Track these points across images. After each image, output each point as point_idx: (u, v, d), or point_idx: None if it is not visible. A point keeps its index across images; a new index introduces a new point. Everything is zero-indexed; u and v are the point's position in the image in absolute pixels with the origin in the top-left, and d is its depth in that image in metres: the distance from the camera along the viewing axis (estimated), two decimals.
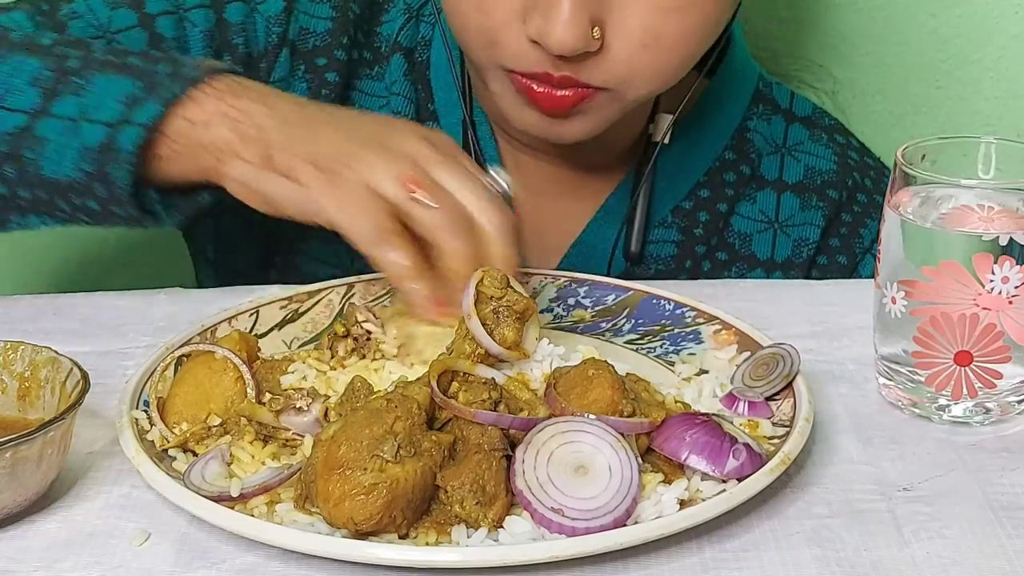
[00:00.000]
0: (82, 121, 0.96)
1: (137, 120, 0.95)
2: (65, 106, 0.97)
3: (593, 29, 1.02)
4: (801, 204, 1.24)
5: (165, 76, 0.97)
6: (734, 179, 1.24)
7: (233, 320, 0.99)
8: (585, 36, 1.01)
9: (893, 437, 0.92)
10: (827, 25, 1.58)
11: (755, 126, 1.26)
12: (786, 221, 1.24)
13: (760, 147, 1.25)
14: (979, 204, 0.90)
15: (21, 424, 0.85)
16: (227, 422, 0.87)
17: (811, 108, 1.29)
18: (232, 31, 1.16)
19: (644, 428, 0.83)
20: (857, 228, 1.26)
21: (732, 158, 1.24)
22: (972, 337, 0.90)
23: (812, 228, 1.24)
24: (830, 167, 1.26)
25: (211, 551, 0.79)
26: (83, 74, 0.98)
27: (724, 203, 1.24)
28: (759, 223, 1.24)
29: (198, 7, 1.16)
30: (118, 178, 0.96)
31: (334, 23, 1.20)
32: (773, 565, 0.79)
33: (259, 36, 1.18)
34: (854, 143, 1.30)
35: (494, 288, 0.90)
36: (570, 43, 1.01)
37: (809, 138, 1.27)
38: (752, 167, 1.25)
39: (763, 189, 1.25)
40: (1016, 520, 0.83)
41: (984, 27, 1.56)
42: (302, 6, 1.19)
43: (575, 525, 0.77)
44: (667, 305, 1.03)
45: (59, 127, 0.97)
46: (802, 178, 1.25)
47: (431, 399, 0.83)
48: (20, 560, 0.79)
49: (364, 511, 0.77)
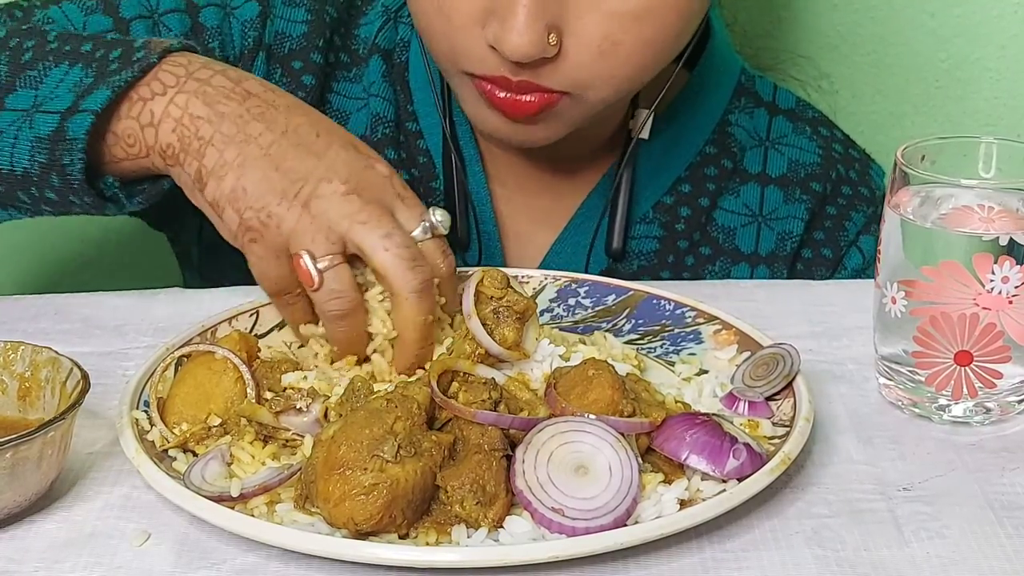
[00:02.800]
0: (35, 112, 0.96)
1: (86, 107, 0.95)
2: (20, 99, 0.97)
3: (549, 35, 1.01)
4: (785, 197, 1.24)
5: (116, 61, 0.97)
6: (716, 173, 1.24)
7: (233, 320, 0.99)
8: (541, 43, 1.01)
9: (893, 437, 0.92)
10: (827, 25, 1.58)
11: (737, 119, 1.26)
12: (770, 214, 1.24)
13: (742, 141, 1.25)
14: (979, 204, 0.90)
15: (21, 424, 0.85)
16: (227, 422, 0.87)
17: (794, 101, 1.29)
18: (208, 35, 1.16)
19: (644, 428, 0.83)
20: (842, 221, 1.25)
21: (713, 152, 1.24)
22: (972, 337, 0.90)
23: (796, 221, 1.24)
24: (814, 160, 1.26)
25: (211, 551, 0.79)
26: (37, 66, 0.98)
27: (706, 198, 1.23)
28: (743, 216, 1.24)
29: (172, 11, 1.15)
30: (71, 166, 0.95)
31: (309, 26, 1.20)
32: (773, 565, 0.79)
33: (235, 40, 1.18)
34: (838, 135, 1.30)
35: (494, 288, 0.90)
36: (525, 49, 1.01)
37: (793, 131, 1.27)
38: (734, 161, 1.25)
39: (746, 183, 1.24)
40: (1016, 520, 0.83)
41: (984, 27, 1.56)
42: (277, 10, 1.19)
43: (575, 525, 0.77)
44: (667, 305, 1.03)
45: (13, 119, 0.97)
46: (786, 171, 1.25)
47: (431, 399, 0.83)
48: (20, 560, 0.79)
49: (364, 511, 0.77)
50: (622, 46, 1.04)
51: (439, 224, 0.93)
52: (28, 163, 0.97)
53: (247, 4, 1.18)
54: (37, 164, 0.96)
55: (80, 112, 0.95)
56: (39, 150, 0.96)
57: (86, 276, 1.63)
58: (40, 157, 0.96)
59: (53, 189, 0.97)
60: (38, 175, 0.97)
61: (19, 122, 0.97)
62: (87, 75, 0.97)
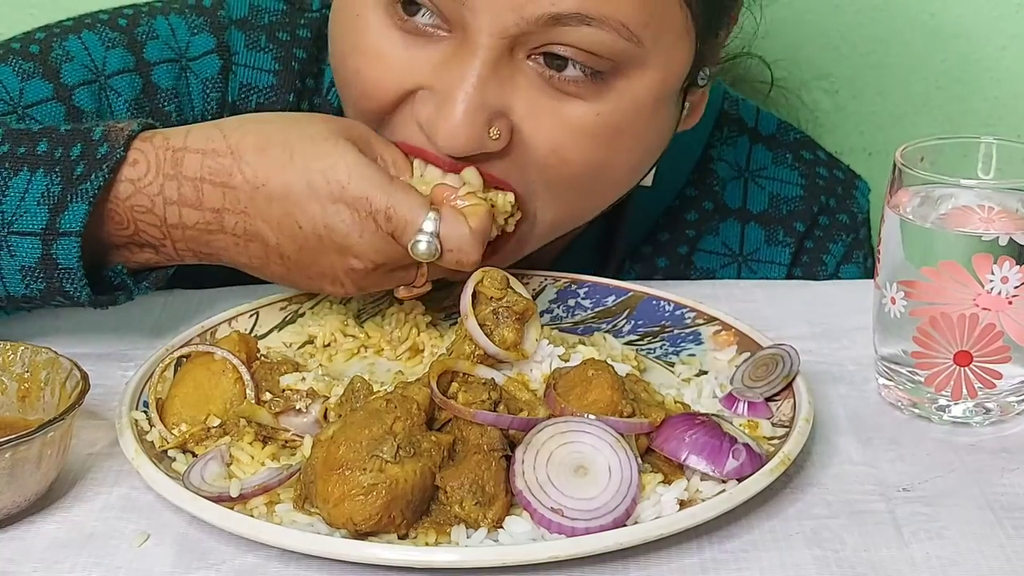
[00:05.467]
0: (10, 235, 0.91)
1: (66, 227, 0.90)
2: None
3: (491, 129, 0.93)
4: (767, 237, 1.20)
5: (80, 162, 0.91)
6: (696, 218, 1.19)
7: (233, 321, 0.99)
8: (479, 138, 0.92)
9: (893, 437, 0.92)
10: (827, 25, 1.58)
11: (718, 154, 1.20)
12: (751, 255, 1.20)
13: (723, 175, 1.20)
14: (979, 204, 0.90)
15: (21, 425, 0.85)
16: (226, 423, 0.87)
17: (776, 124, 1.24)
18: (162, 97, 1.08)
19: (644, 428, 0.83)
20: (819, 255, 1.21)
21: (694, 195, 1.19)
22: (972, 337, 0.90)
23: (778, 267, 1.20)
24: (796, 193, 1.21)
25: (211, 552, 0.79)
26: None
27: (684, 245, 1.19)
28: (722, 256, 1.20)
29: (121, 72, 1.07)
30: (75, 291, 0.92)
31: (278, 77, 1.11)
32: (773, 565, 0.79)
33: (193, 101, 1.10)
34: (821, 156, 1.25)
35: (494, 289, 0.90)
36: (461, 143, 0.92)
37: (773, 161, 1.21)
38: (715, 200, 1.20)
39: (726, 219, 1.20)
40: (1016, 520, 0.83)
41: (984, 27, 1.56)
42: (240, 58, 1.11)
43: (575, 525, 0.77)
44: (667, 306, 1.03)
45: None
46: (767, 207, 1.20)
47: (431, 399, 0.83)
48: (20, 561, 0.79)
49: (364, 511, 0.77)
50: (570, 164, 0.95)
51: None
52: (26, 290, 0.93)
53: (207, 58, 1.10)
54: (36, 291, 0.93)
55: (63, 236, 0.90)
56: (32, 278, 0.92)
57: None
58: (36, 285, 0.92)
59: (60, 303, 0.95)
60: (41, 297, 0.94)
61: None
62: (52, 182, 0.91)
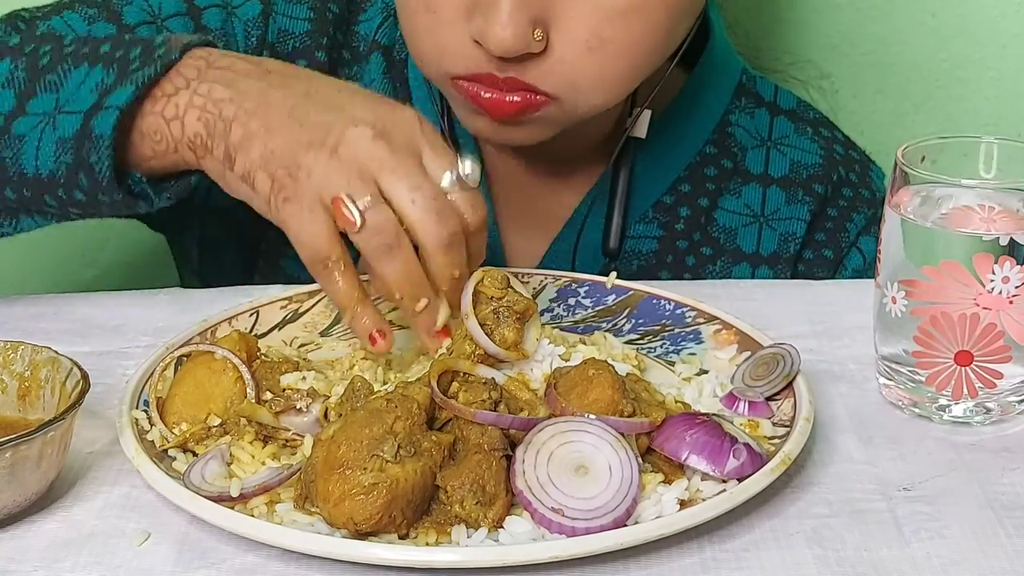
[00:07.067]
0: (57, 114, 0.96)
1: (111, 104, 0.95)
2: (40, 103, 0.97)
3: (535, 31, 1.01)
4: (787, 198, 1.24)
5: (137, 60, 0.97)
6: (715, 173, 1.24)
7: (233, 320, 0.99)
8: (525, 36, 1.00)
9: (893, 437, 0.92)
10: (828, 25, 1.58)
11: (737, 120, 1.26)
12: (772, 215, 1.24)
13: (743, 141, 1.25)
14: (980, 204, 0.90)
15: (21, 424, 0.85)
16: (227, 422, 0.87)
17: (795, 101, 1.29)
18: (211, 37, 1.14)
19: (644, 428, 0.83)
20: (843, 222, 1.25)
21: (713, 152, 1.24)
22: (972, 337, 0.90)
23: (798, 223, 1.24)
24: (816, 161, 1.26)
25: (211, 551, 0.79)
26: (56, 69, 0.98)
27: (706, 198, 1.23)
28: (744, 216, 1.24)
29: (175, 15, 1.16)
30: (98, 164, 0.95)
31: (312, 24, 1.20)
32: (773, 565, 0.79)
33: (238, 40, 1.18)
34: (839, 136, 1.30)
35: (494, 288, 0.90)
36: (509, 43, 1.00)
37: (794, 131, 1.27)
38: (734, 161, 1.25)
39: (748, 183, 1.24)
40: (1016, 520, 0.83)
41: (985, 26, 1.56)
42: (279, 7, 1.20)
43: (575, 525, 0.77)
44: (667, 305, 1.03)
45: (35, 123, 0.96)
46: (788, 172, 1.25)
47: (431, 399, 0.83)
48: (20, 560, 0.79)
49: (364, 511, 0.77)
50: (609, 44, 1.03)
51: (467, 177, 0.91)
52: (54, 165, 0.96)
53: (248, 3, 1.19)
54: (64, 165, 0.96)
55: (104, 109, 0.94)
56: (64, 151, 0.95)
57: (86, 276, 1.63)
58: (66, 158, 0.95)
59: (81, 190, 0.97)
60: (65, 176, 0.96)
61: (41, 125, 0.96)
62: (108, 75, 0.96)
